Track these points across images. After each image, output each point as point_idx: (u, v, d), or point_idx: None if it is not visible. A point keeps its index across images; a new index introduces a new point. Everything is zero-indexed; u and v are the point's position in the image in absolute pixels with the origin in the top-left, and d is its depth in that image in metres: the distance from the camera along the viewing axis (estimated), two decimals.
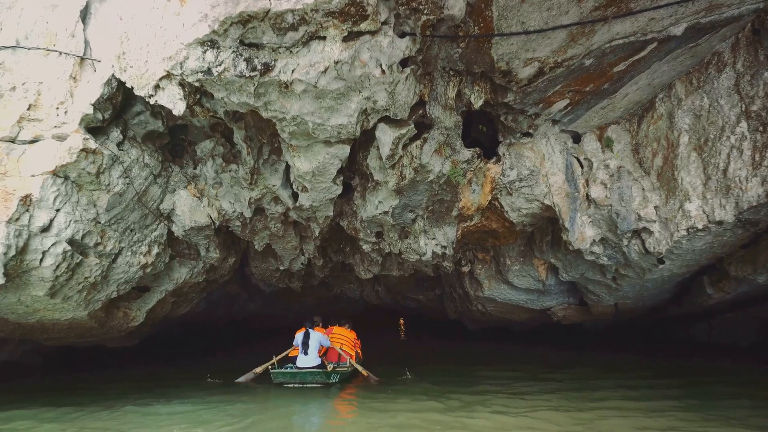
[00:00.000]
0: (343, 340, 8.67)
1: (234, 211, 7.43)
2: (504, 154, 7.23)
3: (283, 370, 7.58)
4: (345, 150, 6.19)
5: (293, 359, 8.06)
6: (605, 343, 12.30)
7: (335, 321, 9.53)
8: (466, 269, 10.30)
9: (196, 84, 5.18)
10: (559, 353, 11.53)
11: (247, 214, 7.49)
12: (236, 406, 6.16)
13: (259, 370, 7.91)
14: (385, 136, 6.09)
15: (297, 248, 9.16)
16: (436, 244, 7.95)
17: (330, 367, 7.69)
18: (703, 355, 9.90)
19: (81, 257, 6.06)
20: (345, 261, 10.31)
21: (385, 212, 7.31)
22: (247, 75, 4.98)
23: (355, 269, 10.30)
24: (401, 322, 24.21)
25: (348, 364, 8.18)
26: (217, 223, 7.52)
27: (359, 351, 9.23)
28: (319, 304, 15.56)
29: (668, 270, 7.57)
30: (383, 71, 5.16)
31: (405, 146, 6.38)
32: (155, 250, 7.20)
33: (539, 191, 7.31)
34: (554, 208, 7.31)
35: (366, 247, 8.60)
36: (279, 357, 7.94)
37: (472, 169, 7.02)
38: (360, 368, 8.07)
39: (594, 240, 7.48)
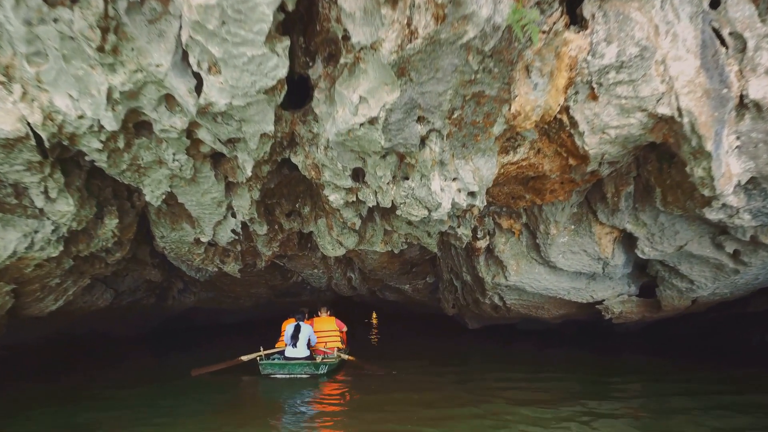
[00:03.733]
0: (327, 336, 8.27)
1: (81, 116, 3.82)
2: (594, 17, 3.89)
3: (271, 361, 7.41)
4: None
5: (281, 350, 7.93)
6: (654, 347, 9.34)
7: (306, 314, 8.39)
8: (482, 244, 6.99)
9: None
10: (603, 359, 8.46)
11: (110, 124, 3.91)
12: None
13: (245, 358, 7.57)
14: None
15: (222, 204, 5.61)
16: (460, 190, 4.51)
17: (318, 359, 7.55)
18: None
19: None
20: (303, 230, 6.80)
21: (372, 121, 3.82)
22: None
23: (319, 243, 6.82)
24: (374, 316, 20.34)
25: (335, 356, 7.87)
26: (46, 137, 3.88)
27: (344, 337, 8.70)
28: (276, 296, 12.09)
29: None
30: None
31: None
32: None
33: (649, 90, 3.99)
34: (679, 120, 4.00)
35: (335, 199, 5.08)
36: (267, 352, 7.67)
37: (543, 30, 3.63)
38: (348, 357, 7.92)
39: (739, 182, 4.27)
